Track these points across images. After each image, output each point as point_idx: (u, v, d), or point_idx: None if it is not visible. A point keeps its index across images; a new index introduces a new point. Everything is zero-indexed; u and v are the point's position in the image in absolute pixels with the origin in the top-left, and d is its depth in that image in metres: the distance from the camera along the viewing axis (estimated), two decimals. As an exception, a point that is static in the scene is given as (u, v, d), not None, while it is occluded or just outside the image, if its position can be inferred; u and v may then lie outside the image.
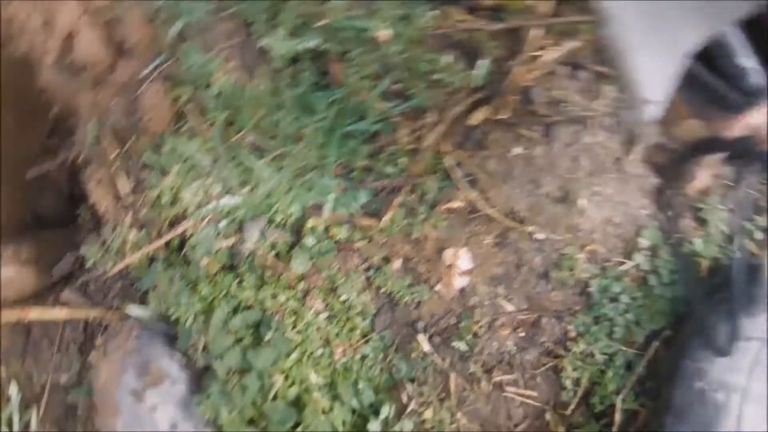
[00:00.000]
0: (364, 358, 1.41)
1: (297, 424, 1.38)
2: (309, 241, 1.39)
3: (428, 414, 1.39)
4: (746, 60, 1.21)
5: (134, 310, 1.42)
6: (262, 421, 1.38)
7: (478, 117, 1.34)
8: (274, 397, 1.37)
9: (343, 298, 1.40)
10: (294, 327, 1.39)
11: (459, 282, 1.37)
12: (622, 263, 1.33)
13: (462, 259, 1.36)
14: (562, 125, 1.35)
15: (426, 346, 1.39)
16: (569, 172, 1.33)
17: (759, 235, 1.31)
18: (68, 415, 1.57)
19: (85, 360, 1.54)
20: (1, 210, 1.65)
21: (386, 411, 1.40)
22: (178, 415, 1.38)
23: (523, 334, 1.37)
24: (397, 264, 1.39)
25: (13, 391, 1.59)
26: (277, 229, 1.39)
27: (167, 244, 1.44)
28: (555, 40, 1.36)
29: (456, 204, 1.36)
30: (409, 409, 1.40)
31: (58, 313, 1.46)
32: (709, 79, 1.24)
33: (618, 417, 1.29)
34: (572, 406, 1.32)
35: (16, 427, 1.60)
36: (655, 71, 1.00)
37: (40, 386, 1.58)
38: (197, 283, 1.37)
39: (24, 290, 1.58)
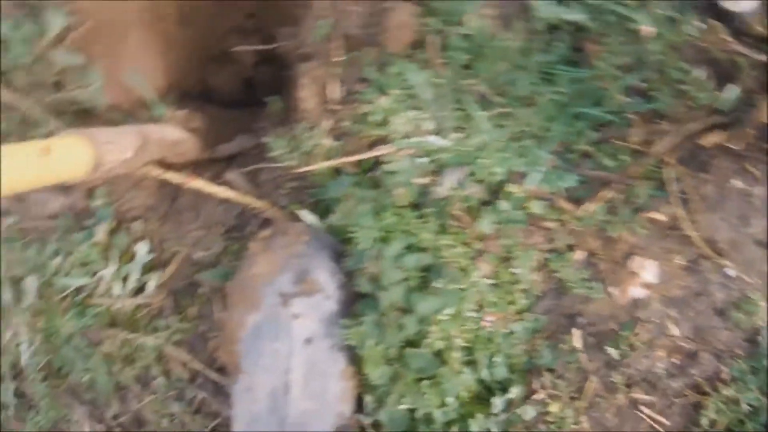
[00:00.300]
0: (510, 333, 1.40)
1: (430, 377, 1.36)
2: (503, 205, 1.37)
3: (554, 408, 1.38)
4: None
5: (307, 216, 1.39)
6: (398, 362, 1.36)
7: (710, 139, 1.34)
8: (420, 345, 1.35)
9: (513, 270, 1.38)
10: (456, 283, 1.37)
11: (635, 292, 1.36)
12: (801, 325, 1.33)
13: (647, 270, 1.35)
14: (790, 173, 1.34)
15: (578, 342, 1.38)
16: (783, 220, 1.33)
17: None
18: (190, 292, 1.54)
19: (228, 245, 1.51)
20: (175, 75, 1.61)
21: (514, 392, 1.39)
22: (318, 330, 1.36)
23: (677, 361, 1.37)
24: (580, 255, 1.38)
25: (142, 249, 1.55)
26: (475, 184, 1.37)
27: (359, 162, 1.41)
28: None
29: (660, 216, 1.35)
30: (536, 397, 1.39)
31: (222, 192, 1.42)
32: None
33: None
34: (699, 446, 1.32)
35: (131, 284, 1.57)
36: None
37: (170, 254, 1.55)
38: (383, 210, 1.35)
39: (185, 156, 1.54)
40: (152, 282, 1.55)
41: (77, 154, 1.29)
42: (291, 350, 1.34)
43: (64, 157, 1.25)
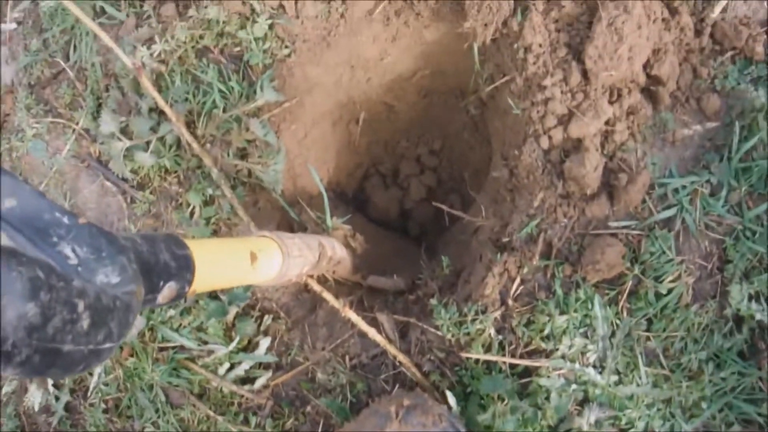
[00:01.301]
0: None
1: None
2: (633, 463, 1.40)
3: None
4: None
5: (452, 399, 1.40)
6: None
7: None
8: None
9: None
10: None
11: None
12: None
13: None
14: None
15: None
16: None
17: None
18: (294, 404, 1.52)
19: (355, 381, 1.49)
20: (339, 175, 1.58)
21: None
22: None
23: None
24: None
25: (264, 344, 1.52)
26: (613, 428, 1.40)
27: (514, 366, 1.42)
28: None
29: None
30: None
31: (373, 333, 1.42)
32: None
33: None
34: None
35: (239, 372, 1.54)
36: None
37: (291, 362, 1.53)
38: (527, 424, 1.36)
39: (338, 275, 1.53)
40: (262, 379, 1.53)
41: (272, 265, 1.28)
42: None
43: (262, 266, 1.24)
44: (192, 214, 1.57)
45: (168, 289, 0.93)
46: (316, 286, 1.46)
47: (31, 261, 0.57)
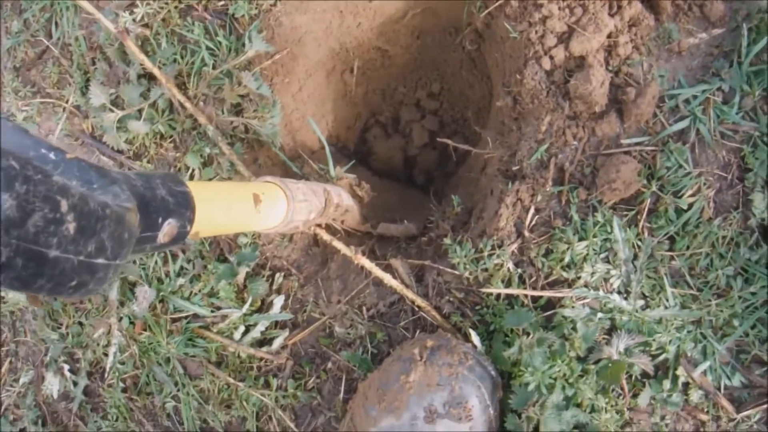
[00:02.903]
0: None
1: None
2: (665, 383, 1.35)
3: None
4: None
5: (475, 337, 1.36)
6: None
7: None
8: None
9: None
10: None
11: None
12: None
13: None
14: None
15: None
16: None
17: None
18: (316, 363, 1.49)
19: (375, 331, 1.45)
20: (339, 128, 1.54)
21: None
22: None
23: None
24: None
25: (278, 303, 1.49)
26: (644, 354, 1.35)
27: (534, 297, 1.38)
28: None
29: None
30: None
31: (388, 279, 1.37)
32: None
33: None
34: None
35: (255, 334, 1.50)
36: None
37: (307, 318, 1.49)
38: (555, 356, 1.32)
39: (345, 224, 1.49)
40: (279, 339, 1.50)
41: (277, 209, 1.24)
42: (415, 465, 1.31)
43: (267, 210, 1.20)
44: (192, 177, 1.53)
45: (168, 226, 0.89)
46: (325, 236, 1.41)
47: (5, 153, 0.53)
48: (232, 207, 1.07)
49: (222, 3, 1.54)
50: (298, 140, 1.59)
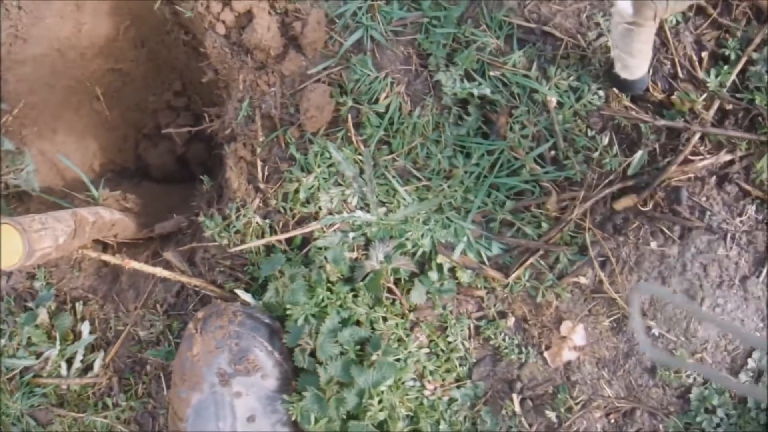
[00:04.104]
0: (452, 401, 1.42)
1: (375, 449, 1.38)
2: (432, 275, 1.40)
3: (500, 473, 1.41)
4: None
5: (244, 294, 1.42)
6: (343, 435, 1.38)
7: (623, 203, 1.37)
8: (362, 417, 1.37)
9: (449, 339, 1.41)
10: (394, 354, 1.39)
11: (567, 355, 1.39)
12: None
13: (577, 333, 1.38)
14: (700, 232, 1.38)
15: (517, 407, 1.40)
16: (697, 278, 1.37)
17: None
18: (136, 370, 1.56)
19: (170, 323, 1.53)
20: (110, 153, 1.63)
21: (460, 457, 1.41)
22: (259, 408, 1.38)
23: (614, 421, 1.39)
24: (511, 321, 1.41)
25: (86, 329, 1.57)
26: (403, 256, 1.40)
27: (290, 239, 1.44)
28: (712, 149, 1.40)
29: (583, 280, 1.38)
30: (481, 462, 1.41)
31: (159, 271, 1.45)
32: None
33: None
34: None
35: (77, 364, 1.58)
36: None
37: (114, 333, 1.57)
38: (316, 286, 1.38)
39: (123, 236, 1.56)
40: (98, 361, 1.57)
41: (8, 244, 1.31)
42: (234, 429, 1.36)
43: (5, 247, 1.27)
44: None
45: None
46: (92, 254, 1.49)
47: None
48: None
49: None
50: (68, 178, 1.68)
